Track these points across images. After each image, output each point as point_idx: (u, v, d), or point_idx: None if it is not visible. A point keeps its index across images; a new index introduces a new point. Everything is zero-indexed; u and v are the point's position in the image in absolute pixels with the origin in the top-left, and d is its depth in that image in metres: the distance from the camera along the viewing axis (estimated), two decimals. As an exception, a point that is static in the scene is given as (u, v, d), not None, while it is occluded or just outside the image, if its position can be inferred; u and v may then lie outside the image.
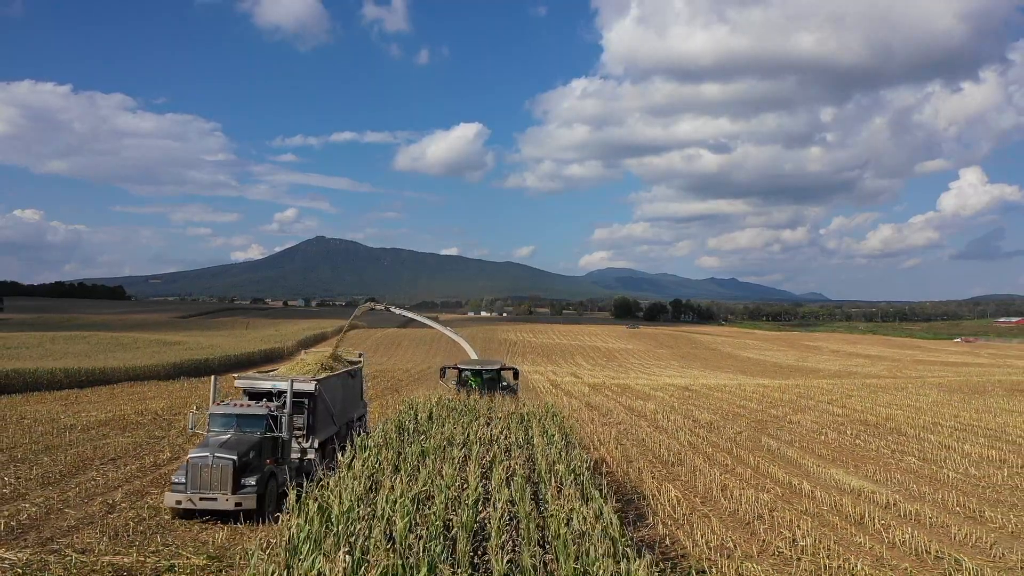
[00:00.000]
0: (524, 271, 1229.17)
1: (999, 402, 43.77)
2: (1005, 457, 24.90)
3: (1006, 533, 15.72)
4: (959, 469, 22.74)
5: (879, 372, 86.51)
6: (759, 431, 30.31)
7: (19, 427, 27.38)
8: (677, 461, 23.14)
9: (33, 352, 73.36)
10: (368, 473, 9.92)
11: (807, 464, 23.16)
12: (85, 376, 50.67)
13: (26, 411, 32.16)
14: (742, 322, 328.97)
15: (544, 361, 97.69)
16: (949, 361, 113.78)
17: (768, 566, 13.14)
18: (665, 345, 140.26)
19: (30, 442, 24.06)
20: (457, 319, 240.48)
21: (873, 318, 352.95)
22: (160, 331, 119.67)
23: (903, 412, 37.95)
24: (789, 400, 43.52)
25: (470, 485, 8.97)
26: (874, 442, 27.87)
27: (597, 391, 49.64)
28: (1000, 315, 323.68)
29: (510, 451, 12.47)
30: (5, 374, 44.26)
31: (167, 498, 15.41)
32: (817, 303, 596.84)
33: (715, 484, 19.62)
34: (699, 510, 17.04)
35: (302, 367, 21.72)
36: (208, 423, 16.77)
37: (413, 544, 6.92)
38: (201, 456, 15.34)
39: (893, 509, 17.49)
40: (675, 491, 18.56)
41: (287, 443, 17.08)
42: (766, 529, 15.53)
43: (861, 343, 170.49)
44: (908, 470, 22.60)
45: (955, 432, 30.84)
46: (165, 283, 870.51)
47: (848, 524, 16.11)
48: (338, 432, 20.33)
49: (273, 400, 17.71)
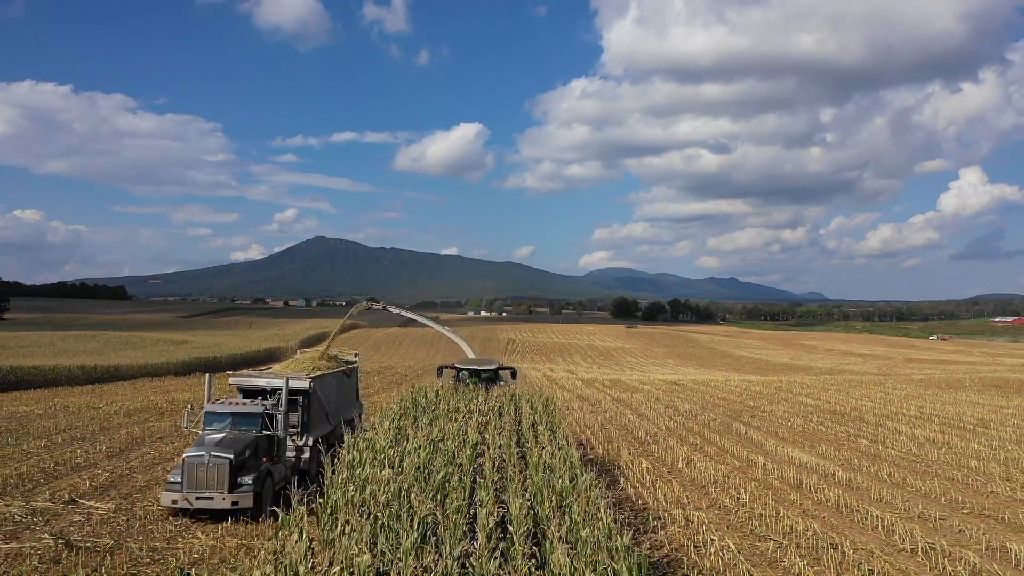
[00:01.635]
0: (524, 271, 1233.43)
1: (969, 396, 46.78)
2: (949, 440, 27.91)
3: (919, 495, 18.74)
4: (902, 449, 25.78)
5: (869, 370, 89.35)
6: (732, 418, 33.38)
7: (67, 414, 30.49)
8: (652, 441, 26.24)
9: (46, 351, 76.28)
10: (396, 427, 13.02)
11: (768, 444, 26.21)
12: (101, 373, 53.84)
13: (65, 402, 35.26)
14: (740, 322, 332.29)
15: (543, 360, 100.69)
16: (941, 359, 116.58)
17: (712, 515, 16.20)
18: (662, 344, 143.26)
19: (83, 425, 27.21)
20: (457, 319, 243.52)
21: (871, 318, 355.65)
22: (166, 330, 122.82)
23: (872, 403, 41.01)
24: (768, 393, 46.57)
25: (470, 436, 12.01)
26: (835, 428, 30.93)
27: (589, 385, 52.71)
28: (998, 315, 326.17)
29: (502, 416, 15.52)
30: (28, 370, 47.30)
31: (163, 497, 15.36)
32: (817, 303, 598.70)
33: (681, 459, 22.70)
34: (664, 477, 20.11)
35: (297, 365, 21.46)
36: (203, 422, 16.66)
37: (428, 479, 9.97)
38: (197, 455, 15.23)
39: (830, 478, 20.53)
40: (646, 463, 21.64)
41: (283, 441, 17.06)
42: (717, 490, 18.60)
43: (856, 342, 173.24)
44: (857, 449, 25.64)
45: (913, 420, 33.88)
46: (165, 283, 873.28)
47: (787, 487, 19.19)
48: (333, 431, 20.12)
49: (268, 398, 17.60)
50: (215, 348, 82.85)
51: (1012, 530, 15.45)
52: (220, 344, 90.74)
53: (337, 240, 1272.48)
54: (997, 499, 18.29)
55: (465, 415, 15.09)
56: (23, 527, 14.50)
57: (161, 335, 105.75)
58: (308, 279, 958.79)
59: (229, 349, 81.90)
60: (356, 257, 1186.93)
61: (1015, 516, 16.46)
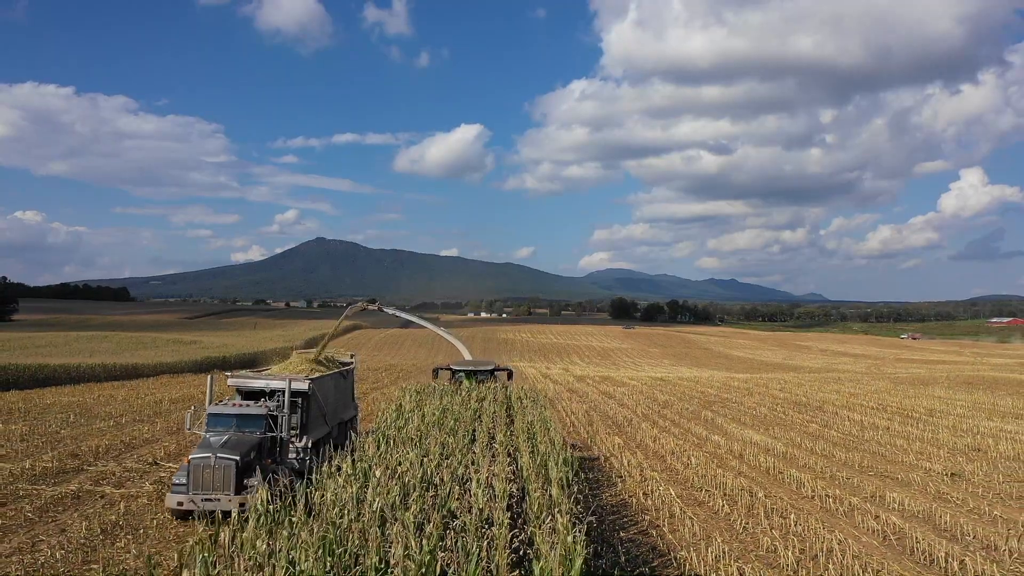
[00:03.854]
0: (524, 272, 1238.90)
1: (935, 391, 50.74)
2: (890, 425, 31.93)
3: (839, 463, 22.78)
4: (845, 431, 29.80)
5: (858, 369, 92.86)
6: (704, 407, 37.45)
7: (112, 403, 34.56)
8: (628, 424, 30.33)
9: (62, 350, 79.39)
10: (413, 402, 17.19)
11: (728, 427, 30.27)
12: (120, 371, 56.11)
13: (101, 395, 39.14)
14: (737, 323, 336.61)
15: (541, 360, 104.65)
16: (930, 359, 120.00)
17: (663, 475, 20.25)
18: (658, 344, 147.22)
19: (137, 411, 31.37)
20: (457, 320, 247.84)
21: (868, 319, 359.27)
22: (173, 331, 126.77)
23: (838, 397, 44.97)
24: (745, 388, 50.61)
25: (470, 407, 16.09)
26: (793, 415, 34.97)
27: (581, 381, 56.83)
28: (997, 316, 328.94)
29: (496, 396, 19.65)
30: (54, 368, 49.62)
31: (168, 499, 15.24)
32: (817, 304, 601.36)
33: (649, 437, 26.79)
34: (631, 449, 24.17)
35: (294, 367, 20.99)
36: (206, 423, 16.46)
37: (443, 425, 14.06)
38: (203, 457, 15.12)
39: (770, 451, 24.56)
40: (619, 440, 25.72)
41: (285, 443, 17.07)
42: (673, 459, 22.67)
43: (850, 343, 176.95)
44: (805, 432, 29.67)
45: (868, 410, 37.89)
46: (165, 284, 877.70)
47: (731, 457, 23.26)
48: (329, 433, 19.97)
49: (266, 399, 17.64)
50: (224, 348, 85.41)
51: (900, 486, 19.47)
52: (229, 344, 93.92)
53: (337, 241, 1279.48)
54: (901, 466, 22.34)
55: (465, 396, 19.16)
56: (125, 479, 18.66)
57: (170, 335, 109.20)
58: (308, 280, 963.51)
59: (238, 349, 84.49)
60: (356, 258, 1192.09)
61: (907, 478, 20.52)
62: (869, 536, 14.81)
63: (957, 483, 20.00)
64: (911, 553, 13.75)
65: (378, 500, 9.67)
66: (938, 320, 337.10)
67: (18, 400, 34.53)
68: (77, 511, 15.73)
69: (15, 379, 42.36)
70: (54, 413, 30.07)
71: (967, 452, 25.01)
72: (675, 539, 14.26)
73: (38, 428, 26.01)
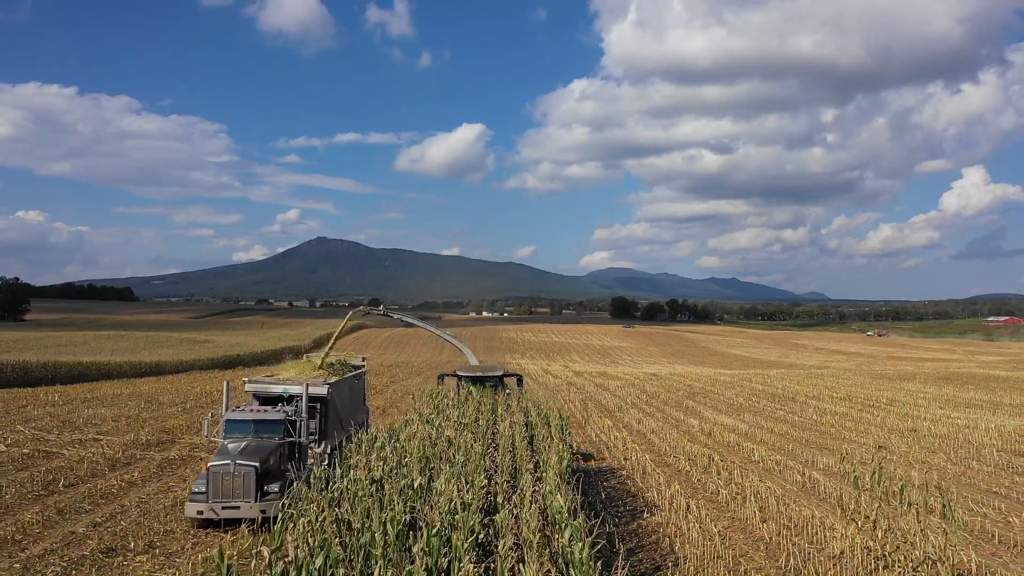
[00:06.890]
0: (525, 271, 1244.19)
1: (909, 386, 54.86)
2: (849, 412, 36.42)
3: (790, 439, 27.36)
4: (807, 417, 34.34)
5: (849, 366, 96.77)
6: (688, 398, 42.06)
7: (168, 393, 39.14)
8: (617, 410, 35.00)
9: (82, 349, 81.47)
10: (436, 401, 21.96)
11: (705, 413, 34.88)
12: (144, 368, 59.15)
13: (140, 390, 43.56)
14: (736, 322, 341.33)
15: (542, 358, 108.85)
16: (922, 357, 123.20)
17: (643, 447, 24.89)
18: (657, 343, 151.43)
19: (186, 400, 35.92)
20: (459, 320, 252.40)
21: (867, 318, 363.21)
22: (184, 330, 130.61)
23: (813, 389, 49.33)
24: (729, 382, 55.14)
25: (481, 428, 20.81)
26: (764, 403, 39.54)
27: (579, 376, 61.54)
28: (996, 315, 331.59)
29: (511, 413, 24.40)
30: (87, 365, 53.27)
31: (188, 508, 15.01)
32: (817, 303, 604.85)
33: (635, 420, 31.47)
34: (619, 430, 28.82)
35: (309, 370, 20.60)
36: (223, 430, 16.16)
37: (464, 416, 18.73)
38: (222, 464, 14.95)
39: (735, 431, 29.15)
40: (609, 422, 30.40)
41: (304, 448, 16.93)
42: (651, 436, 27.34)
43: (846, 341, 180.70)
44: (771, 417, 34.23)
45: (835, 400, 42.32)
46: (167, 284, 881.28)
47: (702, 435, 27.90)
48: (347, 437, 19.70)
49: (283, 404, 17.52)
50: (236, 347, 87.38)
51: (831, 454, 24.06)
52: (240, 343, 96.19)
53: (338, 241, 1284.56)
54: (842, 441, 26.94)
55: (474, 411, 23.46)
56: (212, 448, 23.22)
57: (182, 335, 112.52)
58: (309, 280, 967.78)
59: (250, 348, 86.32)
60: (357, 258, 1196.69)
61: (840, 448, 25.11)
62: (792, 485, 19.42)
63: (880, 453, 24.54)
64: (819, 495, 18.34)
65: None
66: (936, 319, 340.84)
67: (82, 392, 39.17)
68: (188, 468, 20.38)
69: (53, 375, 45.87)
70: (123, 402, 34.72)
71: (902, 432, 29.54)
72: (643, 486, 18.90)
73: (124, 412, 30.68)
